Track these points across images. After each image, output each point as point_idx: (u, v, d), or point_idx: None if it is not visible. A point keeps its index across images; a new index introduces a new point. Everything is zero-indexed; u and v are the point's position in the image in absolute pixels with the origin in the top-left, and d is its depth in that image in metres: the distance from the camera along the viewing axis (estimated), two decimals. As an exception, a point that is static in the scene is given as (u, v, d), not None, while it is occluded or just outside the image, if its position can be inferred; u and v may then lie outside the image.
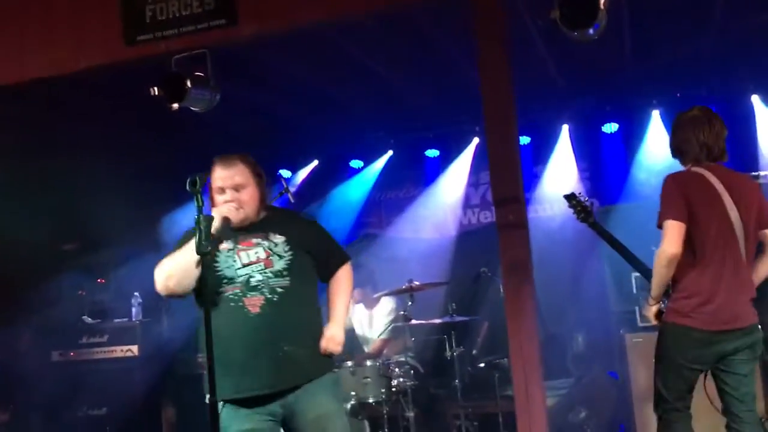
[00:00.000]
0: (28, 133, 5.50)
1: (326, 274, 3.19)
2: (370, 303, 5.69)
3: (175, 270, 2.86)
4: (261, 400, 2.89)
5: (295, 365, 2.92)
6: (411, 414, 4.65)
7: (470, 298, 5.90)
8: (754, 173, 5.13)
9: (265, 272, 2.95)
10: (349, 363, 4.87)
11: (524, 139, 6.86)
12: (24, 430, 5.64)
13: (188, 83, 4.19)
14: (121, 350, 5.52)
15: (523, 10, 4.53)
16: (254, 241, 3.02)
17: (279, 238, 3.03)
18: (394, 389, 4.74)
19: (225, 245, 3.00)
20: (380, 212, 7.45)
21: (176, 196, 5.83)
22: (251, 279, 2.94)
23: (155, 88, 4.22)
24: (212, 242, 2.65)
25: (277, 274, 2.96)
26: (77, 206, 5.58)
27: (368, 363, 4.84)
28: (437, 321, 5.31)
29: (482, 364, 5.22)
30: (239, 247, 3.00)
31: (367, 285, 5.65)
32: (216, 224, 2.80)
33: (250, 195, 3.01)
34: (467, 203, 7.18)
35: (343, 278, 3.21)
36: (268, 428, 2.92)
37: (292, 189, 7.07)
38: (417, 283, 4.98)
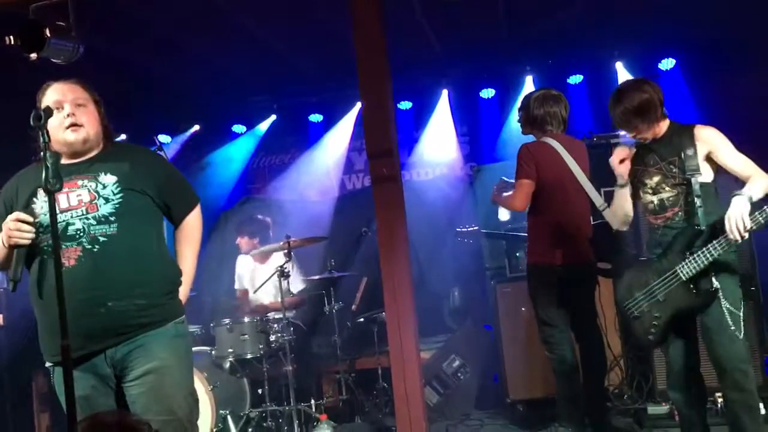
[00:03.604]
0: None
1: (175, 219, 2.85)
2: (260, 257, 5.63)
3: None
4: (87, 360, 2.55)
5: (123, 320, 2.56)
6: (290, 368, 4.66)
7: (351, 256, 5.99)
8: (614, 133, 5.51)
9: (87, 218, 2.57)
10: (227, 320, 4.81)
11: (406, 104, 7.00)
12: None
13: (47, 32, 3.99)
14: (-15, 320, 5.22)
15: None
16: (79, 182, 2.62)
17: (109, 179, 2.64)
18: (272, 345, 4.74)
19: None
20: (264, 176, 7.42)
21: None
22: (69, 227, 2.56)
23: (11, 37, 3.98)
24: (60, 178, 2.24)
25: (102, 221, 2.58)
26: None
27: (246, 319, 4.81)
28: (316, 277, 5.36)
29: (361, 319, 5.30)
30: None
31: (256, 237, 5.60)
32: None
33: (90, 113, 2.69)
34: (351, 169, 7.26)
35: (192, 227, 2.87)
36: (98, 393, 2.58)
37: (171, 154, 6.93)
38: (294, 239, 4.97)
